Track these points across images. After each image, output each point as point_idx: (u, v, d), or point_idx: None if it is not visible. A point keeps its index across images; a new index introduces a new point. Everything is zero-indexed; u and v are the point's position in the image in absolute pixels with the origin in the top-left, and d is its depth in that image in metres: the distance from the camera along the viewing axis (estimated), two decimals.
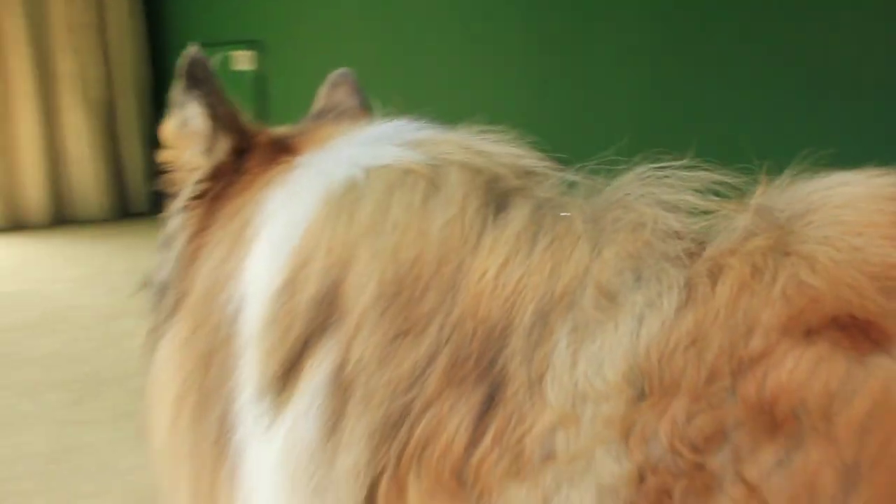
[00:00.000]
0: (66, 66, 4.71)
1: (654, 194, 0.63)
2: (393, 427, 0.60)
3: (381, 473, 0.60)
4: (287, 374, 0.66)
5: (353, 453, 0.61)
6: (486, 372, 0.58)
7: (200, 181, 0.79)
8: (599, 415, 0.54)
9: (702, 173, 0.63)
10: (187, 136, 0.82)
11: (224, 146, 0.80)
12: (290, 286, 0.67)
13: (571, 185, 0.69)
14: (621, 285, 0.58)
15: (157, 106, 5.15)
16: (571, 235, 0.62)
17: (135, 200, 5.14)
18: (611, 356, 0.55)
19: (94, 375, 2.27)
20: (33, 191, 4.71)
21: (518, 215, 0.65)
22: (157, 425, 0.75)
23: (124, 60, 4.99)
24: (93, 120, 4.84)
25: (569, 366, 0.56)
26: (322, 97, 0.98)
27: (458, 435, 0.57)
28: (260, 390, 0.67)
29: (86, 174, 4.85)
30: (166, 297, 0.79)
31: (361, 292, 0.64)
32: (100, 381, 2.23)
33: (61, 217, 4.88)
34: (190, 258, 0.78)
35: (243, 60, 4.58)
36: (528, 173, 0.71)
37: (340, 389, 0.63)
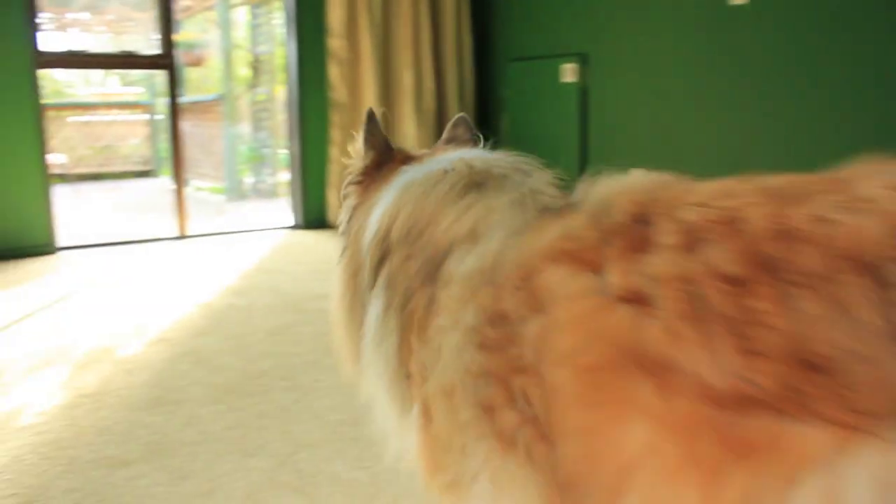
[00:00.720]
0: (407, 80, 5.14)
1: (539, 189, 1.13)
2: (405, 303, 1.09)
3: (403, 329, 1.09)
4: (374, 276, 1.18)
5: (393, 318, 1.11)
6: (435, 273, 1.04)
7: (357, 175, 1.41)
8: (455, 289, 0.99)
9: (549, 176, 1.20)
10: (357, 151, 1.41)
11: (369, 158, 1.39)
12: (377, 232, 1.21)
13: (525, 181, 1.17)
14: (492, 229, 1.02)
15: (481, 115, 5.49)
16: (488, 206, 1.08)
17: None
18: (468, 264, 1.00)
19: None
20: None
21: (473, 195, 1.12)
22: (334, 307, 1.35)
23: (454, 74, 5.33)
24: (424, 128, 5.20)
25: (456, 265, 1.01)
26: (447, 131, 1.52)
27: (422, 306, 1.04)
28: (367, 285, 1.21)
29: None
30: (343, 237, 1.39)
31: (395, 236, 1.16)
32: None
33: None
34: (351, 215, 1.38)
35: (569, 73, 4.69)
36: (502, 175, 1.18)
37: (390, 284, 1.14)
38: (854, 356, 0.64)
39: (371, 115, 1.41)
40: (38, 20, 4.33)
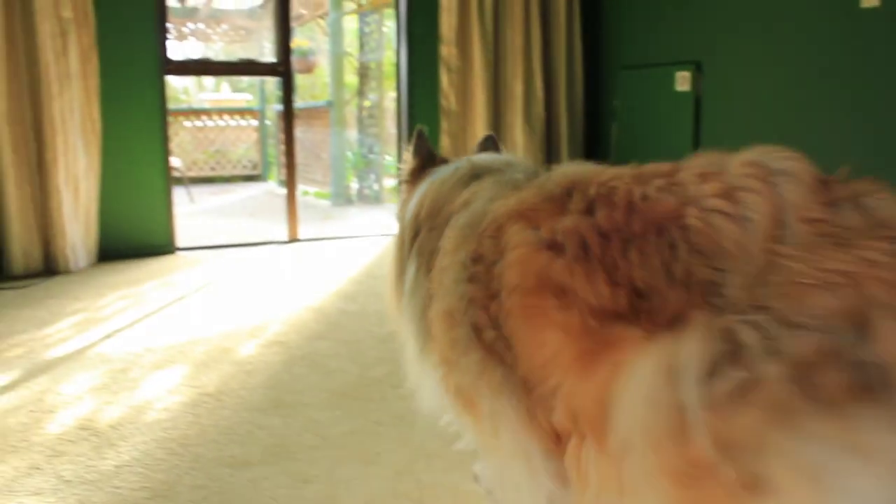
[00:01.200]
0: (517, 88, 5.13)
1: (517, 175, 1.44)
2: (429, 263, 1.43)
3: (427, 283, 1.43)
4: (410, 246, 1.55)
5: (421, 276, 1.46)
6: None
7: (406, 176, 1.80)
8: (452, 238, 1.35)
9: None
10: (407, 157, 1.83)
11: (414, 163, 1.79)
12: (413, 214, 1.59)
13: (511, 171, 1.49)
14: (477, 200, 1.38)
15: (590, 124, 5.44)
16: (479, 187, 1.44)
17: None
18: (460, 220, 1.36)
19: None
20: None
21: (476, 183, 1.47)
22: (387, 271, 1.72)
23: (563, 82, 5.28)
24: (533, 137, 5.19)
25: (453, 223, 1.39)
26: (478, 146, 1.89)
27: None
28: (406, 253, 1.57)
29: None
30: (398, 221, 1.73)
31: (423, 216, 1.54)
32: None
33: None
34: (401, 205, 1.75)
35: (683, 81, 4.64)
36: (496, 169, 1.52)
37: (420, 252, 1.50)
38: (653, 287, 0.97)
39: (420, 133, 1.83)
40: (166, 30, 4.50)
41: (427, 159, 1.78)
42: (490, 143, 1.88)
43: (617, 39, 5.36)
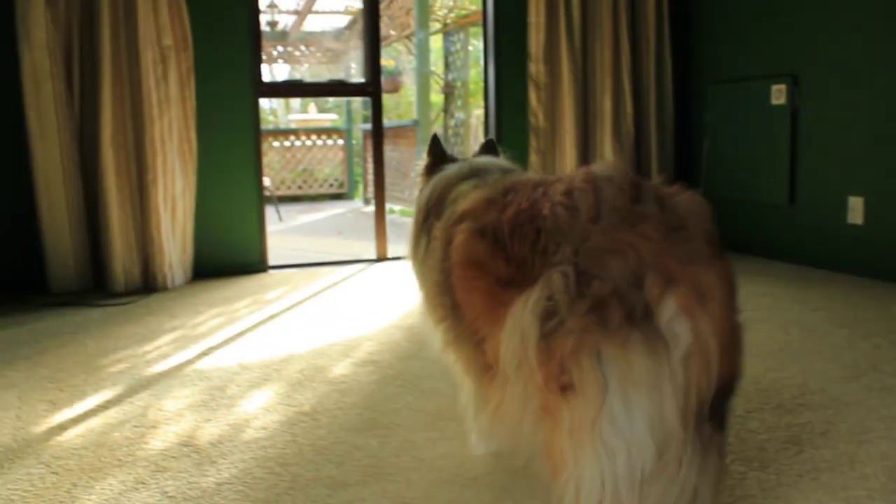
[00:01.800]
0: (606, 104, 5.06)
1: (491, 178, 1.87)
2: (446, 246, 1.68)
3: (429, 256, 1.87)
4: (422, 227, 1.99)
5: (438, 251, 1.75)
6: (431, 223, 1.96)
7: (421, 170, 2.22)
8: (438, 227, 1.81)
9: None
10: (424, 157, 2.23)
11: (428, 160, 2.20)
12: (424, 202, 2.02)
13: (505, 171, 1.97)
14: (459, 198, 1.80)
15: (680, 139, 5.37)
16: (467, 187, 1.85)
17: None
18: (445, 214, 1.81)
19: None
20: None
21: (471, 179, 1.90)
22: (408, 243, 2.11)
23: (653, 97, 5.21)
24: (623, 153, 5.12)
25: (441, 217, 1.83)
26: (479, 149, 2.28)
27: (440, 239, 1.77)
28: (419, 231, 2.02)
29: None
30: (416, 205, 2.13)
31: (430, 203, 1.96)
32: None
33: None
34: (418, 193, 2.13)
35: (779, 94, 4.53)
36: (486, 170, 1.95)
37: (428, 233, 1.92)
38: (527, 259, 1.37)
39: (434, 137, 2.28)
40: (260, 54, 4.62)
41: (438, 158, 2.19)
42: (490, 147, 2.27)
43: (708, 53, 5.23)
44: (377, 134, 4.98)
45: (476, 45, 8.97)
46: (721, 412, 1.32)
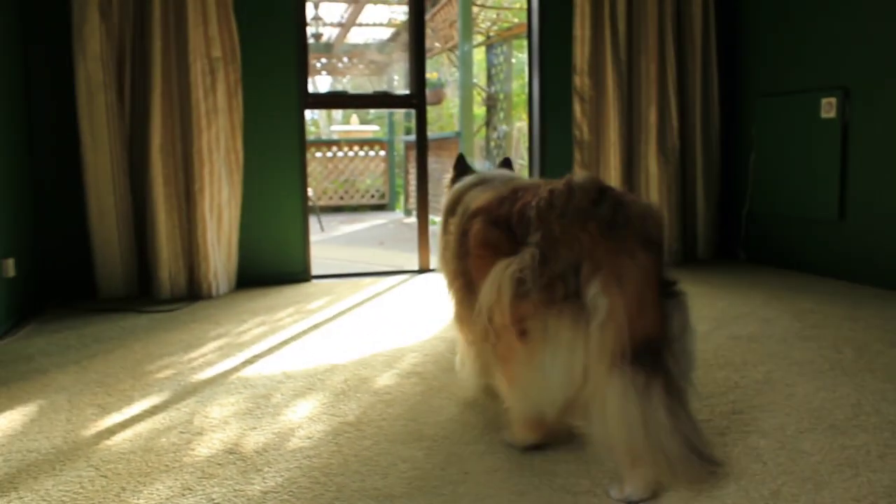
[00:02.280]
0: (652, 117, 5.03)
1: (496, 185, 2.31)
2: (463, 236, 2.17)
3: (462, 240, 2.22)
4: (445, 223, 2.42)
5: (453, 242, 2.27)
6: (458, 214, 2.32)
7: (448, 181, 2.67)
8: (453, 223, 2.30)
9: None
10: (451, 171, 2.72)
11: (453, 174, 2.67)
12: (447, 203, 2.47)
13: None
14: (477, 195, 2.27)
15: (726, 153, 5.32)
16: (476, 193, 2.30)
17: (699, 246, 5.26)
18: (459, 210, 2.30)
19: (708, 423, 2.26)
20: None
21: (478, 187, 2.36)
22: (437, 233, 2.57)
23: (699, 111, 5.16)
24: (668, 167, 5.08)
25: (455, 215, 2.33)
26: (497, 167, 2.80)
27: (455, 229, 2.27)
28: (443, 231, 2.45)
29: None
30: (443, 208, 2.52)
31: (449, 205, 2.42)
32: (714, 430, 2.22)
33: None
34: (445, 198, 2.54)
35: (829, 108, 4.46)
36: (489, 180, 2.44)
37: (448, 229, 2.37)
38: (521, 242, 1.87)
39: (460, 156, 2.77)
40: (307, 65, 4.66)
41: (461, 172, 2.64)
42: (507, 163, 2.81)
43: (755, 66, 5.16)
44: (421, 145, 4.99)
45: (519, 57, 8.97)
46: (648, 360, 1.71)
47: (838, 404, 2.41)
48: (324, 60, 11.66)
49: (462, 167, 2.66)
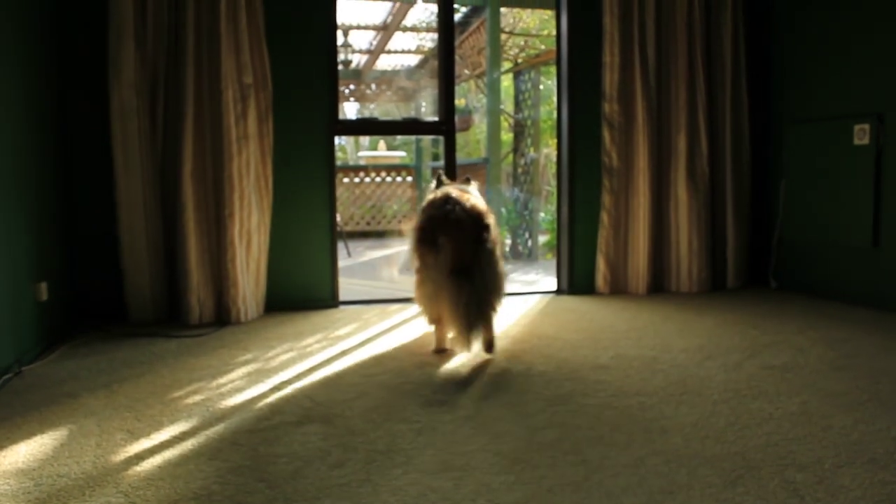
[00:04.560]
0: (681, 144, 5.02)
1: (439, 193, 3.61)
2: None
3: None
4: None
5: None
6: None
7: (432, 187, 3.88)
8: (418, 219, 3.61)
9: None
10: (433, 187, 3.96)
11: (434, 183, 3.93)
12: (426, 203, 3.61)
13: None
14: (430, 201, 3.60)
15: (756, 180, 5.28)
16: (448, 191, 3.56)
17: (729, 274, 5.21)
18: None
19: (743, 456, 2.24)
20: (640, 258, 5.08)
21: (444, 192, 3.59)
22: (413, 228, 3.57)
23: (729, 137, 5.12)
24: (698, 194, 5.04)
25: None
26: (460, 179, 4.06)
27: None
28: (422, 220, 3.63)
29: (684, 245, 5.09)
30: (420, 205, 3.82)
31: (425, 205, 3.64)
32: (749, 463, 2.18)
33: (657, 285, 5.18)
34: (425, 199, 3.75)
35: (862, 134, 4.44)
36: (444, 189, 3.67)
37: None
38: (438, 236, 3.31)
39: (439, 175, 3.93)
40: (337, 92, 4.70)
41: (438, 185, 3.82)
42: (467, 181, 3.92)
43: (786, 93, 5.13)
44: (450, 172, 5.00)
45: (547, 83, 8.98)
46: (463, 275, 3.20)
47: (877, 437, 2.35)
48: (352, 87, 11.76)
49: (439, 182, 3.87)
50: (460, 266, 3.18)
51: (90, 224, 4.27)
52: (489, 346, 3.39)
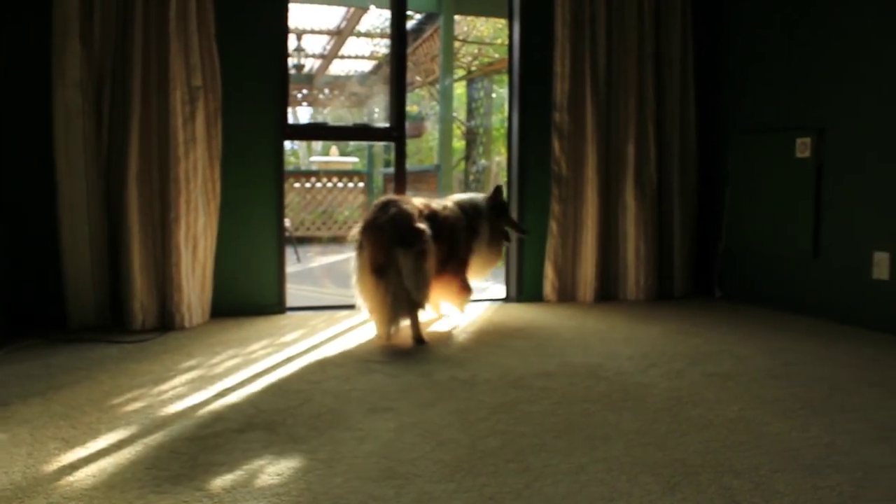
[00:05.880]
0: (630, 152, 5.08)
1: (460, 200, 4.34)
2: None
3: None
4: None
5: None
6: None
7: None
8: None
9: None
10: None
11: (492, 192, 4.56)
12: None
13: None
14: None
15: (703, 188, 5.38)
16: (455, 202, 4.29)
17: (676, 283, 5.29)
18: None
19: (682, 462, 2.26)
20: (589, 266, 5.11)
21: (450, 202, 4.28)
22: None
23: (676, 146, 5.20)
24: (645, 201, 5.12)
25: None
26: (492, 193, 4.48)
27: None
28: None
29: (631, 253, 5.15)
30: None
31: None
32: (688, 469, 2.20)
33: (605, 293, 5.23)
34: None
35: (803, 147, 4.54)
36: (461, 200, 4.36)
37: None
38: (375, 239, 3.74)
39: (498, 188, 4.53)
40: (287, 97, 4.66)
41: (495, 194, 4.46)
42: (497, 193, 4.48)
43: (734, 103, 5.24)
44: (400, 178, 4.99)
45: (499, 91, 9.04)
46: (381, 273, 3.66)
47: (811, 444, 2.40)
48: (305, 91, 11.69)
49: (496, 194, 4.46)
50: (377, 266, 3.66)
51: (31, 228, 4.16)
52: (418, 339, 3.86)
